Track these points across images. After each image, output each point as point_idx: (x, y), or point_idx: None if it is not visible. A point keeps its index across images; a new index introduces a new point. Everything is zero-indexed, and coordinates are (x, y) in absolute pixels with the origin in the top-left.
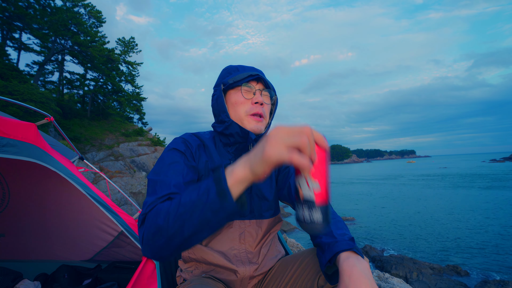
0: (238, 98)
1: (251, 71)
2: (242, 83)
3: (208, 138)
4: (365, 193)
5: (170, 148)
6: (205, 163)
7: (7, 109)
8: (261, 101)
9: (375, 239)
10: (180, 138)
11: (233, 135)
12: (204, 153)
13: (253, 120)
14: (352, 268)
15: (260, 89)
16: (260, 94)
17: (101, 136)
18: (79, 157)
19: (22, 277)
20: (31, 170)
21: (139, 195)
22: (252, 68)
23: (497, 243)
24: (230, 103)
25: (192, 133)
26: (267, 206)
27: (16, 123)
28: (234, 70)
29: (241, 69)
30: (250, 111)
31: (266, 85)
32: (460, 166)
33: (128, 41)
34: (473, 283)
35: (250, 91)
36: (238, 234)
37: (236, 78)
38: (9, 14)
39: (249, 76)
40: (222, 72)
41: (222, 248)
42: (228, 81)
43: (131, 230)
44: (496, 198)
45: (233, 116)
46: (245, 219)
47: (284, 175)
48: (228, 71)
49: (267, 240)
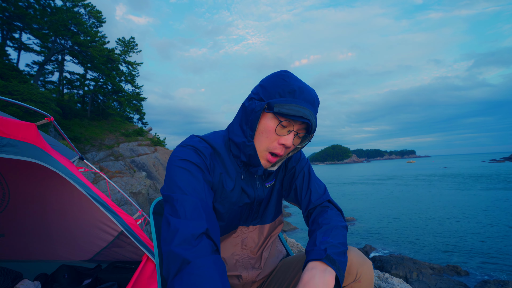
0: (270, 130)
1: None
2: (286, 118)
3: (220, 144)
4: (365, 193)
5: (180, 158)
6: (220, 175)
7: (7, 109)
8: (289, 145)
9: (375, 239)
10: (190, 148)
11: (246, 156)
12: (217, 164)
13: (267, 159)
14: (310, 280)
15: (296, 131)
16: (293, 136)
17: (101, 136)
18: (79, 157)
19: (22, 277)
20: (31, 170)
21: (139, 195)
22: (308, 98)
23: (497, 243)
24: (261, 124)
25: (199, 138)
26: (271, 211)
27: (16, 123)
28: (290, 93)
29: (298, 97)
30: (272, 149)
31: (309, 129)
32: (460, 166)
33: (128, 41)
34: (473, 283)
35: (285, 129)
36: (241, 240)
37: (283, 109)
38: (9, 14)
39: (299, 117)
40: (277, 80)
41: (224, 254)
42: (274, 106)
43: (131, 230)
44: (496, 198)
45: (256, 140)
46: (249, 225)
47: (290, 176)
48: (283, 88)
49: (268, 244)
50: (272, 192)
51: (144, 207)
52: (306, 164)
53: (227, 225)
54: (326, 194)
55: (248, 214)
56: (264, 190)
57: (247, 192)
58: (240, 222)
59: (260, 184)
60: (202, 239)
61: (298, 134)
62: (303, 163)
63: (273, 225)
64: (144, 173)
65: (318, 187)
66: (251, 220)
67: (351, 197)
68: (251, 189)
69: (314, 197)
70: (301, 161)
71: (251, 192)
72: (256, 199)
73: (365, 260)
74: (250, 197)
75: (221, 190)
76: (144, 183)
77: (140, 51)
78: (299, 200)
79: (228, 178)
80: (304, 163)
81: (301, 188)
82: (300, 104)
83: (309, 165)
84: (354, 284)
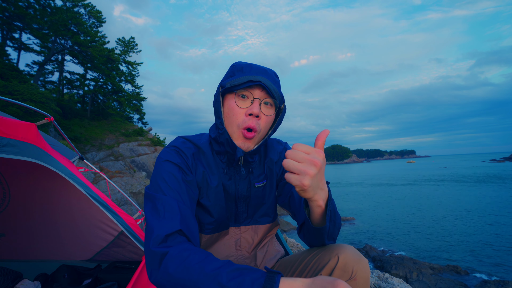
0: (232, 107)
1: (252, 75)
2: (238, 89)
3: (205, 142)
4: (365, 193)
5: (164, 159)
6: (202, 173)
7: (7, 109)
8: (256, 113)
9: (375, 239)
10: (172, 148)
11: (224, 144)
12: (200, 162)
13: (241, 136)
14: None
15: (259, 98)
16: (258, 104)
17: (101, 136)
18: (79, 157)
19: (22, 277)
20: (32, 170)
21: (139, 195)
22: (258, 69)
23: (497, 243)
24: (226, 109)
25: (184, 138)
26: (264, 212)
27: (16, 123)
28: (238, 70)
29: (246, 70)
30: (242, 124)
31: (270, 93)
32: (460, 166)
33: (128, 41)
34: (473, 283)
35: (246, 100)
36: (234, 241)
37: (234, 82)
38: (9, 14)
39: (248, 81)
40: (228, 69)
41: (218, 256)
42: (226, 84)
43: (131, 230)
44: (496, 198)
45: (227, 125)
46: (241, 226)
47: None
48: (233, 70)
49: (263, 244)
50: (264, 193)
51: None
52: None
53: (217, 222)
54: None
55: (236, 213)
56: (250, 188)
57: (228, 187)
58: (230, 222)
59: (246, 181)
60: (176, 237)
61: (263, 101)
62: None
63: (267, 226)
64: (144, 173)
65: None
66: (242, 220)
67: (352, 197)
68: (232, 184)
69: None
70: None
71: (232, 187)
72: (237, 195)
73: (360, 257)
74: (231, 192)
75: (206, 187)
76: (144, 183)
77: (140, 51)
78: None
79: (211, 175)
80: None
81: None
82: (249, 74)
83: None
84: (349, 282)
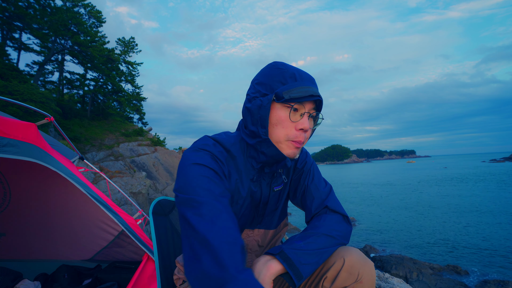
0: (283, 119)
1: (310, 87)
2: (297, 102)
3: (234, 145)
4: (365, 193)
5: (195, 162)
6: (235, 182)
7: (7, 109)
8: (307, 128)
9: (375, 239)
10: (206, 153)
11: (266, 154)
12: (232, 169)
13: (293, 146)
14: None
15: (309, 112)
16: (307, 117)
17: (101, 136)
18: (79, 157)
19: (22, 277)
20: (32, 170)
21: (139, 195)
22: (308, 78)
23: (496, 243)
24: (272, 117)
25: (214, 140)
26: (277, 214)
27: (16, 123)
28: (290, 78)
29: (299, 79)
30: (293, 138)
31: (319, 106)
32: (460, 166)
33: (128, 41)
34: (473, 283)
35: (297, 112)
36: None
37: (293, 93)
38: (9, 14)
39: (309, 96)
40: (272, 71)
41: None
42: (283, 94)
43: (132, 230)
44: (496, 198)
45: (271, 134)
46: (254, 228)
47: (297, 179)
48: (285, 76)
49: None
50: (280, 197)
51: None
52: (312, 166)
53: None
54: (328, 198)
55: (254, 216)
56: (270, 191)
57: (254, 193)
58: (246, 225)
59: (268, 186)
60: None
61: (312, 115)
62: (309, 164)
63: (278, 229)
64: (144, 173)
65: (321, 193)
66: (257, 223)
67: (352, 197)
68: (258, 190)
69: (315, 205)
70: (307, 163)
71: (257, 193)
72: (261, 199)
73: (366, 260)
74: (256, 197)
75: (237, 196)
76: (144, 183)
77: (140, 51)
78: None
79: (242, 183)
80: (310, 165)
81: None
82: (304, 84)
83: (315, 167)
84: (355, 284)
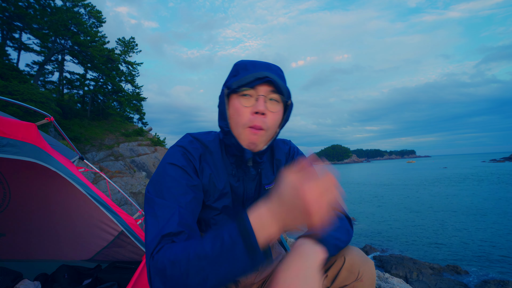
0: (237, 107)
1: (259, 72)
2: (245, 88)
3: (213, 141)
4: (365, 193)
5: (168, 162)
6: (209, 176)
7: (7, 109)
8: (262, 110)
9: (375, 239)
10: (179, 149)
11: (231, 146)
12: (207, 165)
13: (249, 134)
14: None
15: (264, 95)
16: (263, 100)
17: (101, 136)
18: (79, 157)
19: (22, 277)
20: (32, 170)
21: (139, 195)
22: (262, 66)
23: (496, 243)
24: (231, 110)
25: (192, 137)
26: None
27: (16, 123)
28: (243, 69)
29: (250, 68)
30: (249, 123)
31: (276, 88)
32: (460, 166)
33: (128, 41)
34: (473, 283)
35: (251, 98)
36: None
37: (240, 81)
38: (9, 14)
39: (255, 79)
40: (232, 68)
41: None
42: (231, 85)
43: (132, 230)
44: (496, 198)
45: (233, 126)
46: None
47: None
48: (237, 69)
49: None
50: None
51: None
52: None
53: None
54: None
55: None
56: (260, 190)
57: (236, 188)
58: None
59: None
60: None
61: (268, 98)
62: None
63: None
64: (144, 173)
65: None
66: None
67: (352, 197)
68: (241, 186)
69: None
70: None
71: (240, 189)
72: (245, 196)
73: (367, 259)
74: (238, 192)
75: (213, 190)
76: (144, 183)
77: (140, 51)
78: None
79: (218, 177)
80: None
81: None
82: (256, 71)
83: None
84: (356, 283)
